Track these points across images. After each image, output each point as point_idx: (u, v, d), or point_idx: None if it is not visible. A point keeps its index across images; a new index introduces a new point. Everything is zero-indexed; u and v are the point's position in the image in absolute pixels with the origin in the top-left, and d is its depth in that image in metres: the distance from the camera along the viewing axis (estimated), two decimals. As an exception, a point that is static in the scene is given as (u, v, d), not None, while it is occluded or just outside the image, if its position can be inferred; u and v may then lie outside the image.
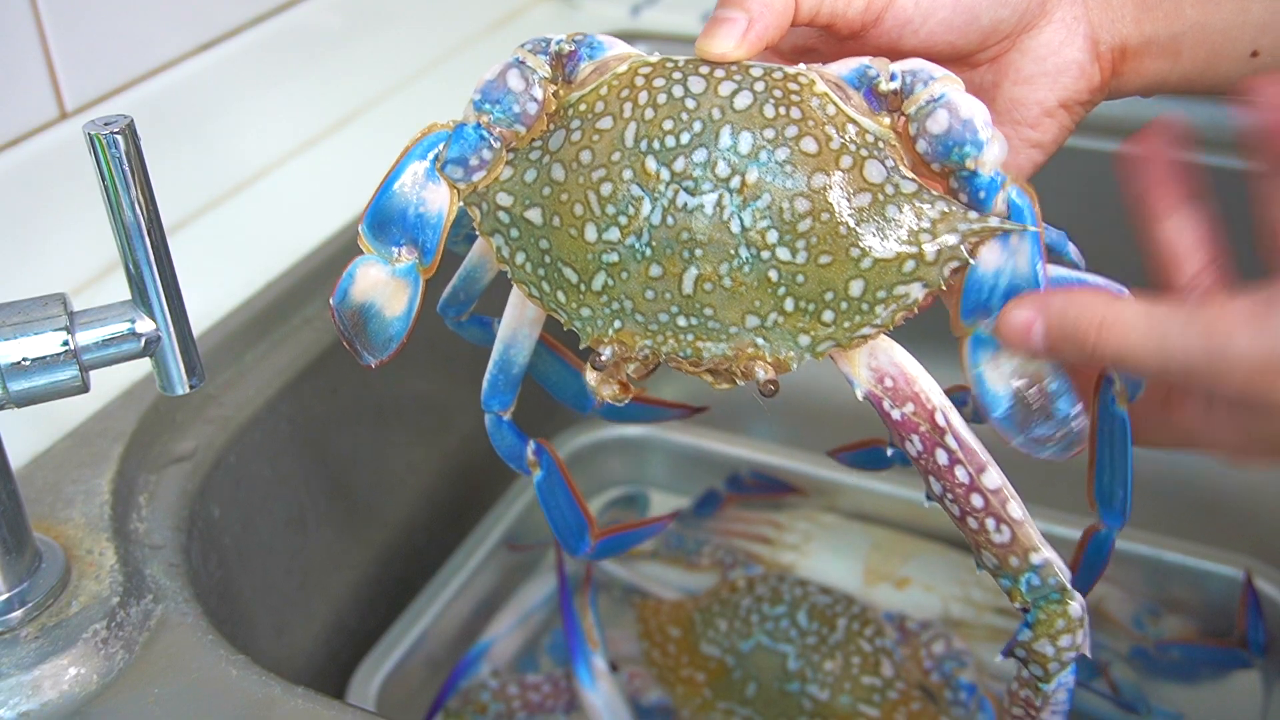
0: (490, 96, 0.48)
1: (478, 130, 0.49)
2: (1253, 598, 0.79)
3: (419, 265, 0.51)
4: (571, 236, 0.48)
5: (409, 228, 0.50)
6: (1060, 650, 0.50)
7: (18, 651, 0.56)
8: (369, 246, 0.51)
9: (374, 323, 0.52)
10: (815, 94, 0.46)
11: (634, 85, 0.47)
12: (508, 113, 0.48)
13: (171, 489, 0.69)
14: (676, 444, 0.96)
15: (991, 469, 0.48)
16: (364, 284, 0.51)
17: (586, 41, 0.49)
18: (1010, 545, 0.48)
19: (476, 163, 0.49)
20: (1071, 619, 0.49)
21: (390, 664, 0.79)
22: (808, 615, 0.80)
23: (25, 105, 0.76)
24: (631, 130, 0.47)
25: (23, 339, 0.53)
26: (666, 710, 0.79)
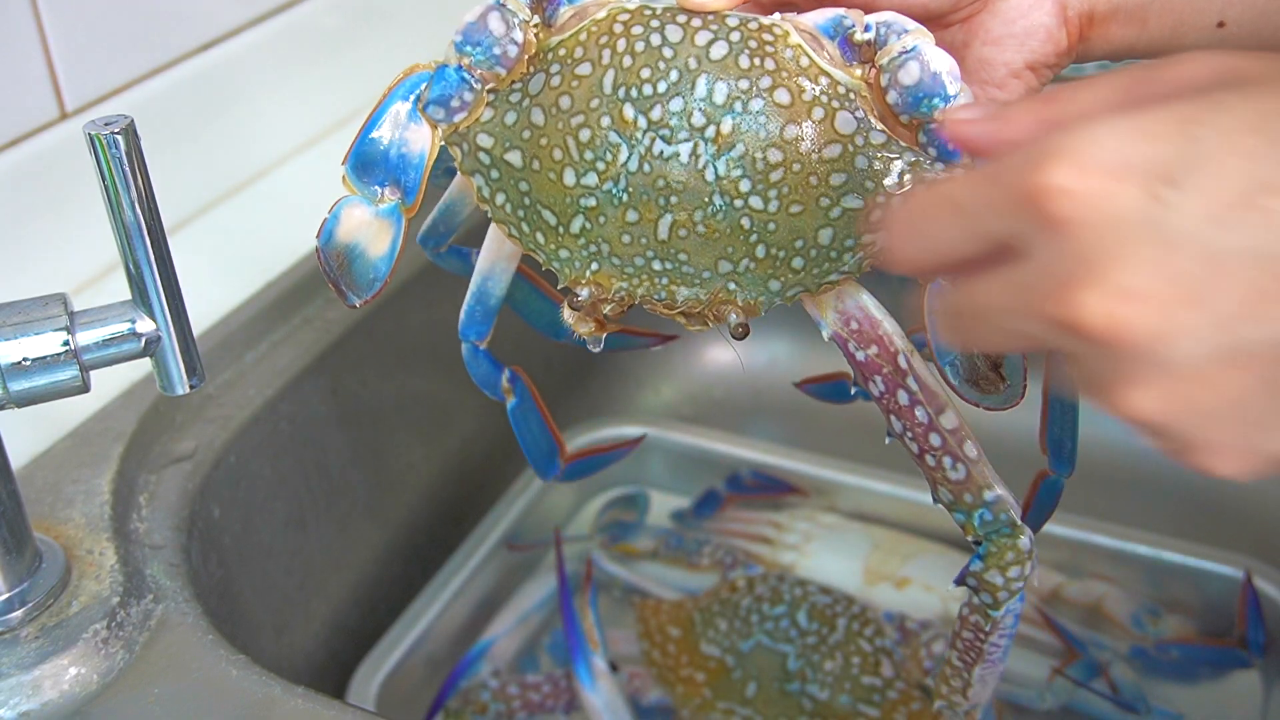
0: (471, 39, 0.49)
1: (459, 72, 0.49)
2: (1253, 598, 0.79)
3: (401, 205, 0.51)
4: (550, 180, 0.49)
5: (391, 168, 0.50)
6: (1009, 580, 0.52)
7: (18, 651, 0.56)
8: (352, 187, 0.51)
9: (358, 263, 0.52)
10: (789, 45, 0.47)
11: (612, 32, 0.48)
12: (488, 55, 0.49)
13: (171, 489, 0.69)
14: (676, 444, 0.96)
15: (950, 410, 0.50)
16: (348, 224, 0.51)
17: None
18: (965, 482, 0.50)
19: (458, 104, 0.50)
20: (1020, 551, 0.52)
21: (390, 664, 0.79)
22: (808, 615, 0.80)
23: (25, 105, 0.76)
24: (609, 77, 0.47)
25: (23, 339, 0.53)
26: (666, 710, 0.79)
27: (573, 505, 0.96)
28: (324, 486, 0.82)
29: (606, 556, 0.89)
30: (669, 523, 0.94)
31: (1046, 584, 0.84)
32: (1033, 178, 0.34)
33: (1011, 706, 0.78)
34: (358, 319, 0.82)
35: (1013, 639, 0.55)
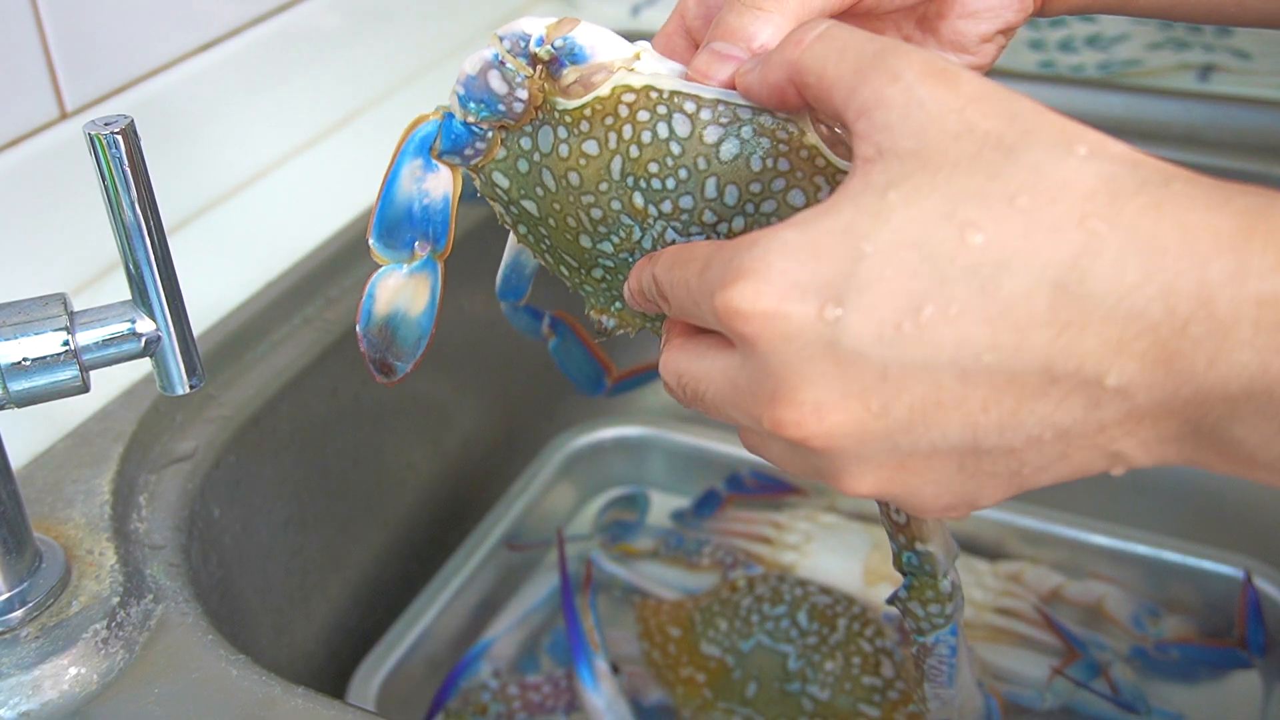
0: (474, 95, 0.47)
1: (466, 126, 0.48)
2: (1253, 598, 0.79)
3: (434, 253, 0.50)
4: (567, 239, 0.49)
5: (417, 223, 0.50)
6: (929, 615, 0.54)
7: (18, 651, 0.56)
8: (382, 258, 0.50)
9: (402, 328, 0.51)
10: (805, 145, 0.45)
11: (617, 115, 0.46)
12: (494, 111, 0.48)
13: (171, 489, 0.69)
14: (676, 444, 0.96)
15: None
16: (384, 295, 0.50)
17: (566, 50, 0.47)
18: (903, 528, 0.52)
19: (471, 152, 0.49)
20: (940, 594, 0.53)
21: (390, 664, 0.79)
22: (808, 615, 0.80)
23: (25, 105, 0.76)
24: (617, 164, 0.46)
25: (23, 339, 0.53)
26: (666, 710, 0.79)
27: (573, 505, 0.96)
28: (324, 486, 0.82)
29: (606, 556, 0.89)
30: (669, 523, 0.94)
31: (1046, 584, 0.84)
32: (721, 297, 0.37)
33: (1012, 706, 0.78)
34: (358, 319, 0.82)
35: (954, 667, 0.56)
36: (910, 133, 0.37)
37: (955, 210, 0.36)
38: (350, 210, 0.87)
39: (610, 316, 0.51)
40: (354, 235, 0.86)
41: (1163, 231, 0.34)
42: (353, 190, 0.90)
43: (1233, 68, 1.03)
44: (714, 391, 0.41)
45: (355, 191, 0.89)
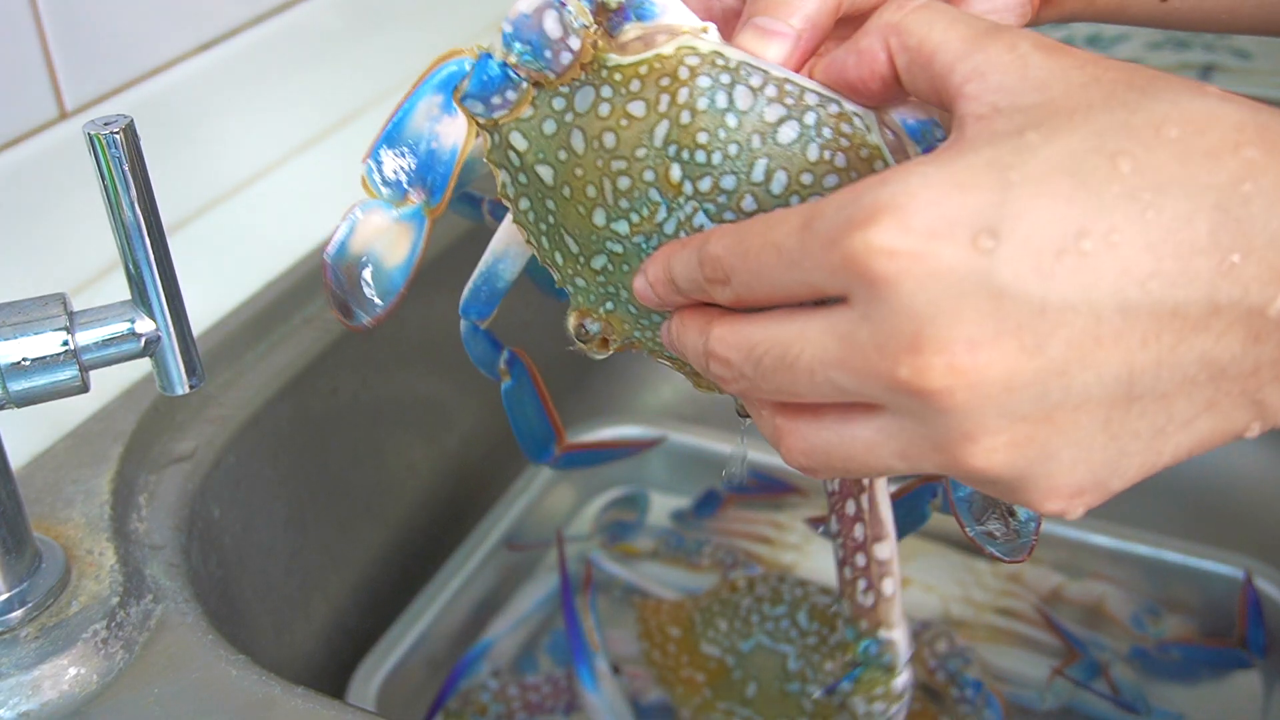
0: (522, 35, 0.43)
1: (503, 68, 0.44)
2: (1253, 598, 0.79)
3: (425, 206, 0.46)
4: (579, 212, 0.45)
5: (420, 167, 0.45)
6: (870, 713, 0.51)
7: (18, 651, 0.56)
8: (372, 189, 0.46)
9: (372, 276, 0.47)
10: (867, 144, 0.42)
11: (676, 76, 0.42)
12: (539, 57, 0.43)
13: (171, 489, 0.69)
14: (676, 444, 0.96)
15: (887, 542, 0.49)
16: (364, 232, 0.46)
17: (635, 2, 0.43)
18: (869, 611, 0.49)
19: (499, 101, 0.44)
20: (891, 691, 0.50)
21: (390, 664, 0.79)
22: (808, 615, 0.80)
23: (25, 105, 0.76)
24: (663, 129, 0.42)
25: (23, 339, 0.53)
26: (666, 710, 0.79)
27: (573, 505, 0.96)
28: (324, 486, 0.82)
29: (606, 556, 0.89)
30: (669, 523, 0.94)
31: (1046, 584, 0.84)
32: (856, 238, 0.34)
33: (1012, 706, 0.78)
34: (358, 319, 0.82)
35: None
36: (1033, 88, 0.36)
37: (1103, 142, 0.34)
38: (350, 210, 0.87)
39: (595, 320, 0.47)
40: (354, 235, 0.85)
41: None
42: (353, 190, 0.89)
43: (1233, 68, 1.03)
44: (812, 353, 0.37)
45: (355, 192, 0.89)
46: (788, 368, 0.37)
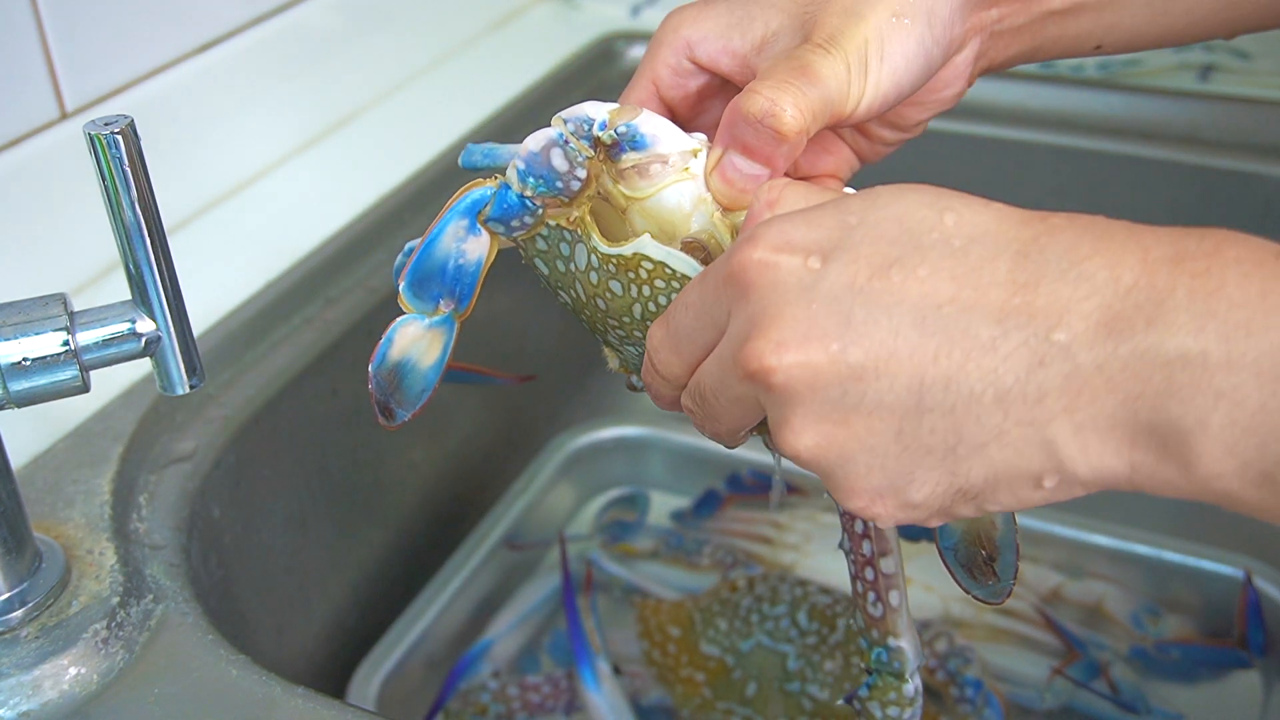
0: (534, 172, 0.49)
1: (521, 199, 0.50)
2: (1253, 598, 0.79)
3: (455, 313, 0.52)
4: (599, 330, 0.52)
5: (448, 280, 0.52)
6: (887, 718, 0.54)
7: (18, 651, 0.56)
8: (409, 306, 0.52)
9: (409, 377, 0.53)
10: None
11: (638, 274, 0.48)
12: (551, 188, 0.49)
13: (171, 489, 0.69)
14: (676, 444, 0.96)
15: (892, 557, 0.53)
16: (402, 342, 0.52)
17: (629, 136, 0.48)
18: (878, 621, 0.53)
19: (518, 224, 0.51)
20: (903, 697, 0.54)
21: (390, 664, 0.79)
22: (808, 615, 0.80)
23: (25, 105, 0.76)
24: (638, 309, 0.49)
25: (23, 339, 0.53)
26: (666, 710, 0.79)
27: (573, 505, 0.96)
28: (324, 486, 0.82)
29: (606, 556, 0.89)
30: (669, 523, 0.94)
31: (1046, 584, 0.84)
32: (733, 258, 0.42)
33: (1012, 706, 0.78)
34: (357, 319, 0.82)
35: None
36: None
37: (937, 200, 0.41)
38: (350, 210, 0.87)
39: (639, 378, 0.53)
40: (354, 235, 0.86)
41: (1114, 229, 0.39)
42: (352, 190, 0.90)
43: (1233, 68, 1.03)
44: (707, 382, 0.44)
45: (355, 192, 0.89)
46: (705, 401, 0.45)
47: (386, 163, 0.93)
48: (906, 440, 0.39)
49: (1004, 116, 1.00)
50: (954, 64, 0.55)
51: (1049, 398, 0.37)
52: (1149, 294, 0.36)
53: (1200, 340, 0.35)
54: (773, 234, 0.41)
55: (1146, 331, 0.36)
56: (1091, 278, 0.37)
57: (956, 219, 0.40)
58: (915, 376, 0.39)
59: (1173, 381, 0.36)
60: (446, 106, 1.02)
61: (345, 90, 1.00)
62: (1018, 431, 0.38)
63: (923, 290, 0.39)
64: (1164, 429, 0.36)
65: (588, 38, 1.12)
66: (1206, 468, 0.36)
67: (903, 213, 0.40)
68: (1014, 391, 0.38)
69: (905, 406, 0.39)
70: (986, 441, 0.38)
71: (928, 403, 0.39)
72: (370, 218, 0.87)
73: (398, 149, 0.95)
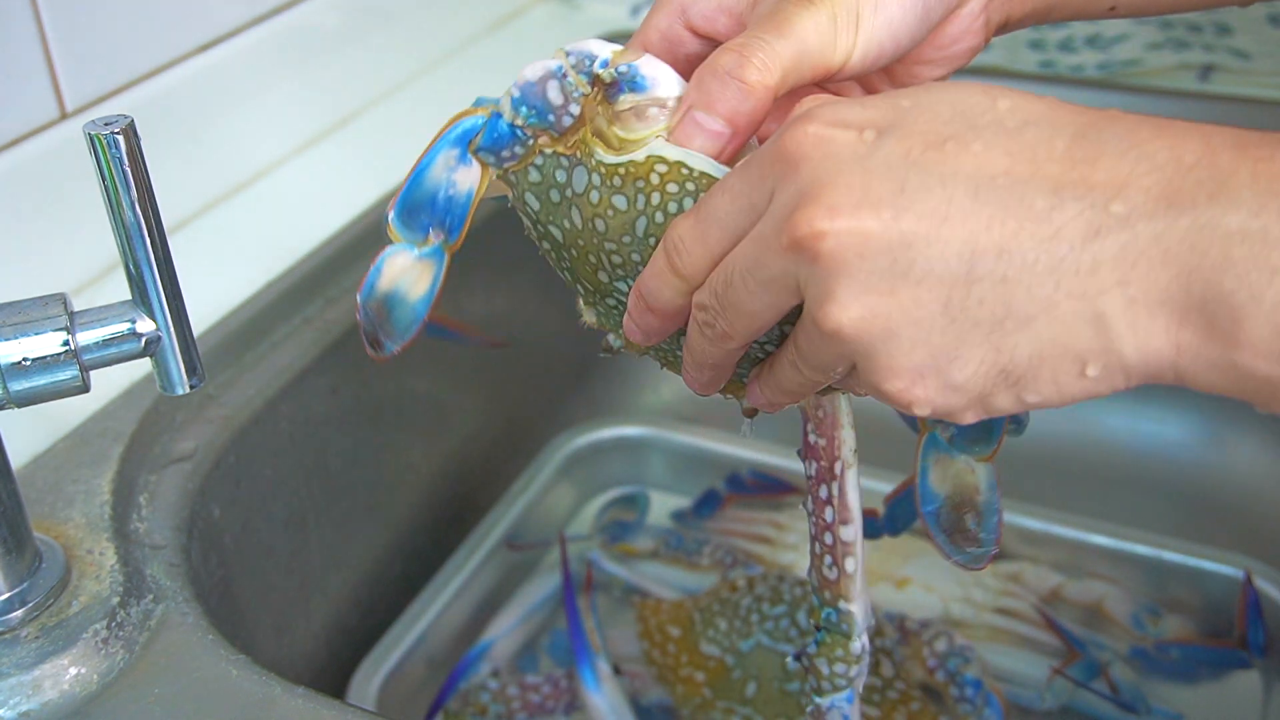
0: (529, 101, 0.48)
1: (512, 128, 0.49)
2: (1253, 598, 0.79)
3: (444, 244, 0.51)
4: (586, 269, 0.50)
5: (438, 210, 0.51)
6: (833, 674, 0.56)
7: (18, 651, 0.56)
8: (397, 235, 0.51)
9: (398, 309, 0.52)
10: None
11: (649, 181, 0.47)
12: (543, 120, 0.49)
13: (171, 489, 0.69)
14: (676, 444, 0.96)
15: (852, 526, 0.54)
16: (390, 272, 0.51)
17: (629, 76, 0.48)
18: (831, 583, 0.55)
19: (509, 154, 0.50)
20: (849, 654, 0.55)
21: (390, 664, 0.79)
22: (808, 615, 0.80)
23: (25, 105, 0.76)
24: (642, 224, 0.47)
25: (23, 339, 0.53)
26: (666, 710, 0.79)
27: (573, 505, 0.96)
28: (324, 486, 0.82)
29: (606, 556, 0.89)
30: (669, 523, 0.94)
31: (1046, 584, 0.84)
32: (785, 134, 0.41)
33: (1012, 706, 0.78)
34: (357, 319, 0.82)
35: None
36: None
37: (989, 90, 0.41)
38: (350, 210, 0.87)
39: (618, 338, 0.53)
40: (354, 235, 0.86)
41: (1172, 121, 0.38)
42: (353, 190, 0.90)
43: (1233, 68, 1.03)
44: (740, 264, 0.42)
45: (355, 191, 0.89)
46: (731, 286, 0.43)
47: (386, 163, 0.93)
48: (954, 312, 0.38)
49: (1004, 116, 1.00)
50: (960, 16, 0.53)
51: (1103, 269, 0.37)
52: (1211, 172, 0.36)
53: (1261, 218, 0.35)
54: (827, 111, 0.41)
55: (1209, 206, 0.36)
56: (1153, 157, 0.37)
57: (1010, 104, 0.40)
58: (967, 244, 0.38)
59: (1230, 255, 0.35)
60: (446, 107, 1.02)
61: (346, 90, 1.00)
62: (1068, 304, 0.37)
63: (977, 163, 0.38)
64: (1215, 304, 0.36)
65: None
66: (1254, 347, 0.36)
67: (956, 97, 0.40)
68: (1067, 261, 0.37)
69: (955, 275, 0.38)
70: (1036, 314, 0.38)
71: (978, 271, 0.38)
72: (370, 217, 0.87)
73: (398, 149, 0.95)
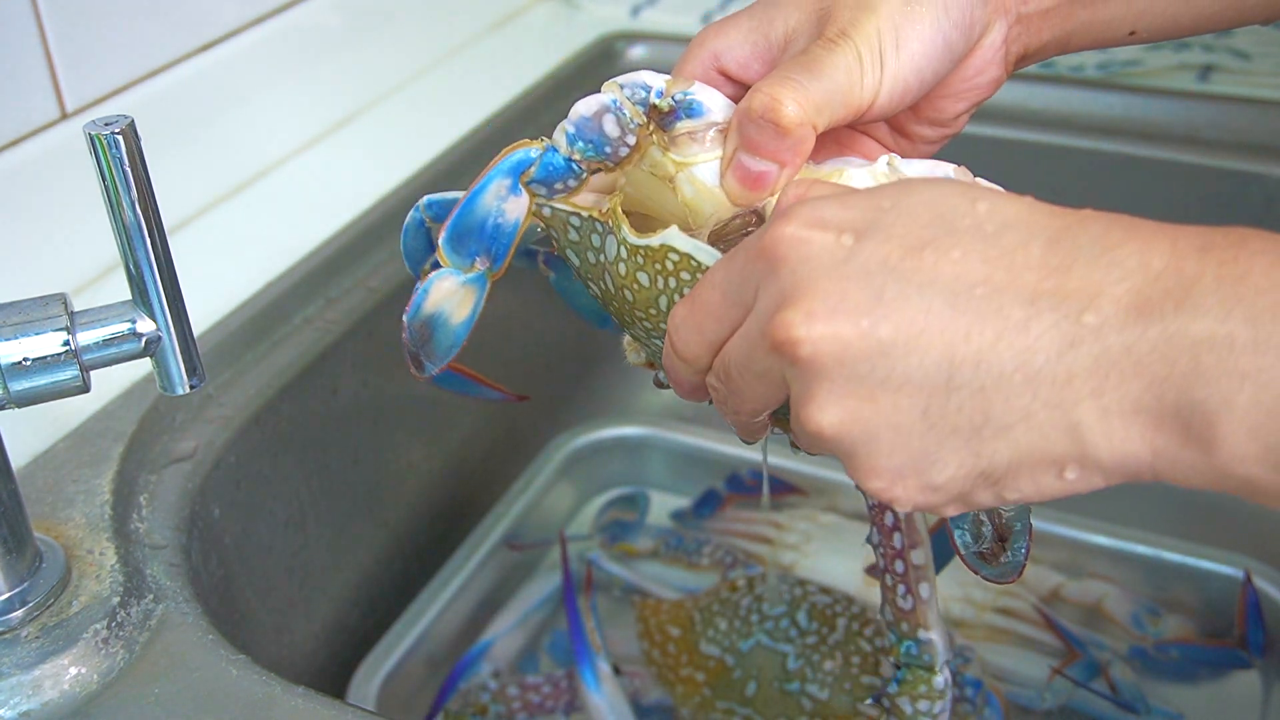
0: (584, 136, 0.50)
1: (568, 162, 0.50)
2: (1252, 598, 0.79)
3: (489, 271, 0.53)
4: (628, 320, 0.52)
5: (486, 238, 0.52)
6: (917, 712, 0.55)
7: (18, 651, 0.56)
8: (446, 260, 0.52)
9: (440, 331, 0.53)
10: None
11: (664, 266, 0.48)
12: (599, 153, 0.50)
13: (172, 489, 0.69)
14: (676, 444, 0.96)
15: (922, 549, 0.53)
16: (436, 296, 0.53)
17: (685, 104, 0.49)
18: (907, 613, 0.54)
19: (561, 187, 0.51)
20: (933, 689, 0.54)
21: (390, 664, 0.79)
22: (808, 615, 0.80)
23: (25, 105, 0.76)
24: (664, 301, 0.49)
25: (23, 339, 0.53)
26: (666, 710, 0.79)
27: (573, 505, 0.96)
28: (324, 486, 0.82)
29: (606, 556, 0.89)
30: (669, 523, 0.94)
31: (1046, 584, 0.84)
32: (765, 234, 0.42)
33: (1012, 706, 0.78)
34: (358, 319, 0.82)
35: None
36: None
37: (968, 191, 0.41)
38: (350, 210, 0.87)
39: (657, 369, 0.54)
40: (354, 235, 0.86)
41: (1142, 222, 0.39)
42: (353, 190, 0.90)
43: (1233, 68, 1.03)
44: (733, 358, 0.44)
45: (355, 191, 0.90)
46: (730, 376, 0.44)
47: (386, 163, 0.93)
48: (933, 419, 0.39)
49: (1004, 116, 1.00)
50: (981, 49, 0.55)
51: (1077, 380, 0.38)
52: (1178, 279, 0.37)
53: (1227, 324, 0.36)
54: (806, 211, 0.42)
55: (1175, 314, 0.37)
56: (1123, 264, 0.38)
57: (989, 207, 0.40)
58: (946, 354, 0.39)
59: (1199, 363, 0.36)
60: (446, 107, 1.02)
61: (345, 90, 1.00)
62: (1045, 414, 0.38)
63: (955, 271, 0.39)
64: (1188, 411, 0.36)
65: (588, 38, 1.12)
66: (1229, 451, 0.36)
67: (935, 199, 0.41)
68: (1044, 372, 0.38)
69: (934, 384, 0.39)
70: (1013, 423, 0.38)
71: (957, 381, 0.39)
72: (370, 218, 0.87)
73: (397, 149, 0.95)
